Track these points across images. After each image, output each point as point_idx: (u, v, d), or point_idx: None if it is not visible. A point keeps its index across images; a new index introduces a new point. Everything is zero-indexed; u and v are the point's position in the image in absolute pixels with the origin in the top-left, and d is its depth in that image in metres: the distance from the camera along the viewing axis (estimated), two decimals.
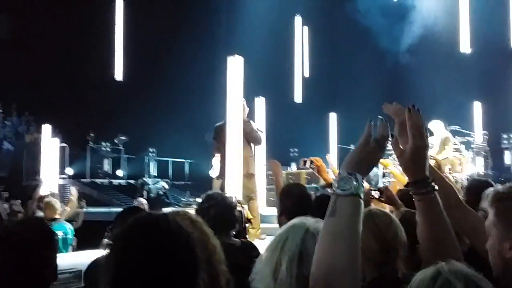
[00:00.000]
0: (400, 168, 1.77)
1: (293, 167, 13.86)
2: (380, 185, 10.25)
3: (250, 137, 6.98)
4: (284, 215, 3.00)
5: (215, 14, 18.14)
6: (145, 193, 10.16)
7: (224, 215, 2.83)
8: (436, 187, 1.51)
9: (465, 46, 13.25)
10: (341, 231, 1.21)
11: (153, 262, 1.18)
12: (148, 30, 15.99)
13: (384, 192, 3.28)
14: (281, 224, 2.94)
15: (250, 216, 3.61)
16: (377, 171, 12.14)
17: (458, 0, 13.23)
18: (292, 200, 3.14)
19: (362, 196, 1.26)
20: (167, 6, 16.42)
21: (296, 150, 16.80)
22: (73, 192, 7.34)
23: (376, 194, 3.28)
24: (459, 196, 1.96)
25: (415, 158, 1.49)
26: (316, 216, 1.56)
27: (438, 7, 15.35)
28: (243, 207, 3.48)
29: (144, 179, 10.66)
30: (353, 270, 1.18)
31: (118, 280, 1.18)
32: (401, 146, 1.54)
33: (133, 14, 14.39)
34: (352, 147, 10.80)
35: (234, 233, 3.03)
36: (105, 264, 1.21)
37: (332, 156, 9.27)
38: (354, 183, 1.25)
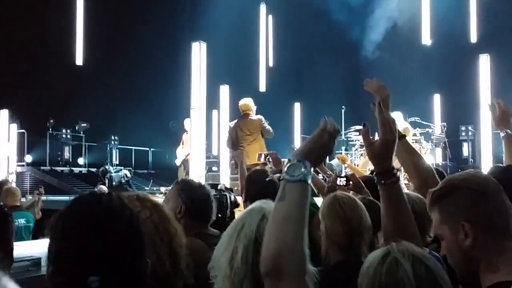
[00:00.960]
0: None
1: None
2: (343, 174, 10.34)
3: (264, 131, 8.00)
4: (249, 201, 2.99)
5: (180, 0, 17.89)
6: (107, 181, 9.98)
7: (199, 203, 2.70)
8: (400, 177, 1.60)
9: (426, 38, 13.52)
10: (289, 215, 1.25)
11: (93, 238, 1.17)
12: (110, 14, 15.62)
13: (351, 179, 3.35)
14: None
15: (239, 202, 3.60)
16: (339, 161, 12.30)
17: None
18: (257, 187, 3.13)
19: (309, 182, 1.30)
20: None
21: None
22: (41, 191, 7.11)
23: (342, 181, 3.35)
24: (437, 178, 2.01)
25: (383, 151, 1.59)
26: None
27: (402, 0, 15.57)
28: (231, 193, 3.44)
29: (106, 166, 10.47)
30: (300, 252, 1.22)
31: (59, 256, 1.18)
32: (370, 138, 1.63)
33: None
34: None
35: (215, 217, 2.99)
36: (49, 242, 1.21)
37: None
38: (303, 169, 1.29)
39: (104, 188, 8.42)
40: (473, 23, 15.02)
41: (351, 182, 3.31)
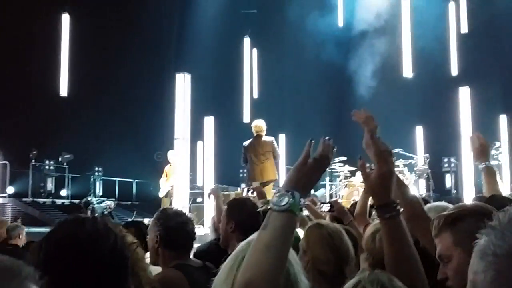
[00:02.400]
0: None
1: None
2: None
3: (275, 152, 8.97)
4: (238, 231, 2.90)
5: (165, 32, 18.06)
6: (89, 212, 9.84)
7: (179, 233, 2.63)
8: (401, 210, 1.55)
9: (408, 71, 13.78)
10: (270, 242, 1.24)
11: (76, 262, 1.17)
12: (95, 46, 15.71)
13: (335, 205, 3.45)
14: (230, 243, 2.90)
15: None
16: (324, 192, 12.33)
17: (402, 26, 13.77)
18: (246, 215, 2.98)
19: (297, 213, 1.29)
20: (115, 22, 16.21)
21: (245, 171, 16.79)
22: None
23: (327, 207, 3.46)
24: (423, 208, 2.03)
25: (380, 183, 1.55)
26: None
27: (383, 33, 15.91)
28: None
29: (89, 198, 10.34)
30: (274, 280, 1.21)
31: (41, 279, 1.16)
32: (367, 171, 1.60)
33: (80, 29, 14.13)
34: None
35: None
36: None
37: None
38: (290, 200, 1.28)
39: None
40: (454, 56, 15.38)
41: (334, 208, 3.42)
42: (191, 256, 2.81)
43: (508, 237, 0.76)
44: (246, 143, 9.12)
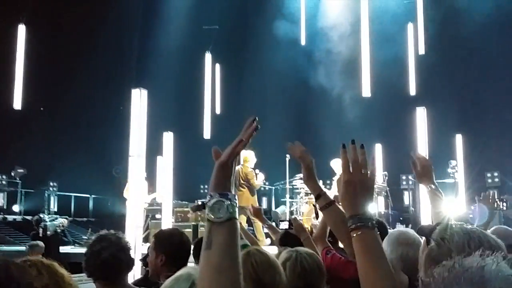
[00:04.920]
0: None
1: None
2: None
3: (250, 185, 9.70)
4: (169, 264, 2.79)
5: (125, 47, 17.84)
6: (41, 230, 9.50)
7: (117, 258, 2.61)
8: (376, 224, 1.46)
9: (366, 91, 14.00)
10: (220, 264, 1.12)
11: None
12: (51, 58, 15.35)
13: (293, 223, 3.52)
14: (161, 276, 2.76)
15: None
16: (284, 208, 12.31)
17: (361, 46, 14.01)
18: (175, 247, 2.90)
19: (237, 216, 1.18)
20: (73, 34, 15.91)
21: (206, 186, 16.68)
22: None
23: (285, 224, 3.62)
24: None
25: (345, 193, 1.47)
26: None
27: (344, 51, 16.16)
28: None
29: (41, 215, 9.99)
30: None
31: None
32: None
33: (36, 41, 13.79)
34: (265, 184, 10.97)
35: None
36: None
37: None
38: (227, 205, 1.16)
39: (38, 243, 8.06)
40: (412, 76, 15.74)
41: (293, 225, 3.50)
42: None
43: None
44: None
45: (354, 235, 1.44)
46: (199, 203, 1.21)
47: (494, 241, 1.50)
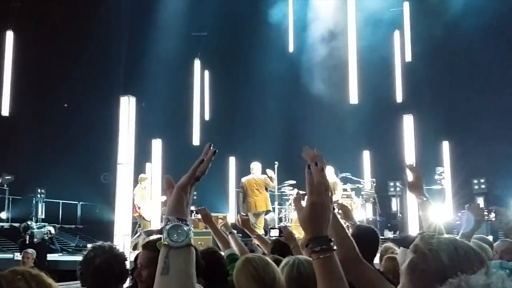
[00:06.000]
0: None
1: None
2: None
3: (268, 188, 11.22)
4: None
5: (113, 53, 17.80)
6: (28, 237, 9.43)
7: (111, 267, 2.61)
8: (334, 247, 1.43)
9: (353, 98, 14.09)
10: None
11: None
12: (39, 65, 15.28)
13: (284, 231, 3.62)
14: None
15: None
16: (273, 215, 12.32)
17: (348, 53, 14.12)
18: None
19: (193, 243, 1.19)
20: (61, 41, 15.85)
21: (195, 193, 16.59)
22: None
23: (275, 232, 3.66)
24: (357, 250, 1.94)
25: (310, 215, 1.44)
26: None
27: (332, 58, 16.24)
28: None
29: (28, 222, 9.91)
30: None
31: None
32: (302, 203, 1.49)
33: (24, 48, 13.73)
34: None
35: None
36: None
37: None
38: (186, 230, 1.16)
39: (29, 251, 8.01)
40: (398, 83, 15.88)
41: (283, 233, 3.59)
42: None
43: None
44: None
45: (317, 258, 1.42)
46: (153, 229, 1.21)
47: (477, 249, 1.52)
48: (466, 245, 1.51)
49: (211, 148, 1.32)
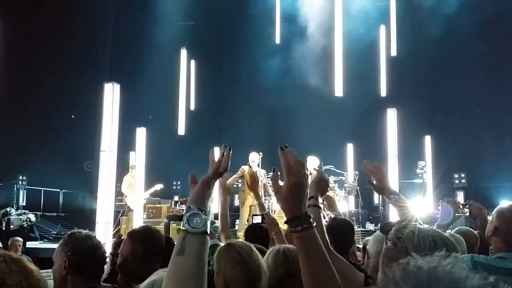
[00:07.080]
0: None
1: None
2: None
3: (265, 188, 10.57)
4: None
5: (98, 41, 17.61)
6: (4, 224, 9.31)
7: (85, 256, 2.52)
8: (314, 224, 1.46)
9: (339, 91, 14.16)
10: (190, 270, 1.20)
11: None
12: (21, 50, 15.07)
13: (266, 217, 3.64)
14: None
15: None
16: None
17: (334, 46, 14.17)
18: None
19: (209, 233, 1.27)
20: (45, 27, 15.62)
21: (179, 183, 16.59)
22: None
23: (258, 218, 3.75)
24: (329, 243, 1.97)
25: (290, 195, 1.46)
26: None
27: (318, 50, 16.29)
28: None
29: (7, 209, 9.80)
30: None
31: None
32: (279, 183, 1.51)
33: (5, 33, 13.52)
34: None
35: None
36: None
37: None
38: (206, 217, 1.26)
39: (18, 239, 7.94)
40: (383, 78, 15.99)
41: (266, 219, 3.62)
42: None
43: None
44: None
45: (298, 236, 1.44)
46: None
47: (449, 239, 1.55)
48: (438, 235, 1.54)
49: (226, 147, 1.50)
